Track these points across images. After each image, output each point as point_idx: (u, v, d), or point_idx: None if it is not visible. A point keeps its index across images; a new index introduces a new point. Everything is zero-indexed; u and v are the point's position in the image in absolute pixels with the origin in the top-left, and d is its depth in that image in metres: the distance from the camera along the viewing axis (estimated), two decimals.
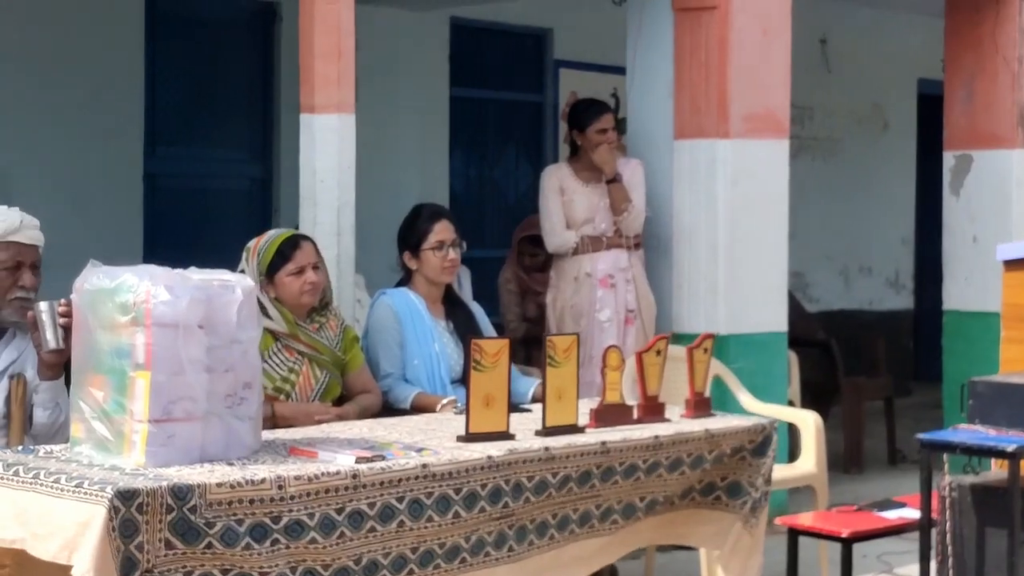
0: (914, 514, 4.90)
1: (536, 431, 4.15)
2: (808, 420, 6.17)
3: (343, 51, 5.79)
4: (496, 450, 3.90)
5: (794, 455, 6.60)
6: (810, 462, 6.06)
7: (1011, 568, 4.48)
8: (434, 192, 9.27)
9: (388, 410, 5.14)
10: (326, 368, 5.04)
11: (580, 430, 4.21)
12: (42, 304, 4.12)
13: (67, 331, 4.01)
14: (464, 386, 4.29)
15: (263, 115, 9.12)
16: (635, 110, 7.36)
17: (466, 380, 4.05)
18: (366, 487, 3.56)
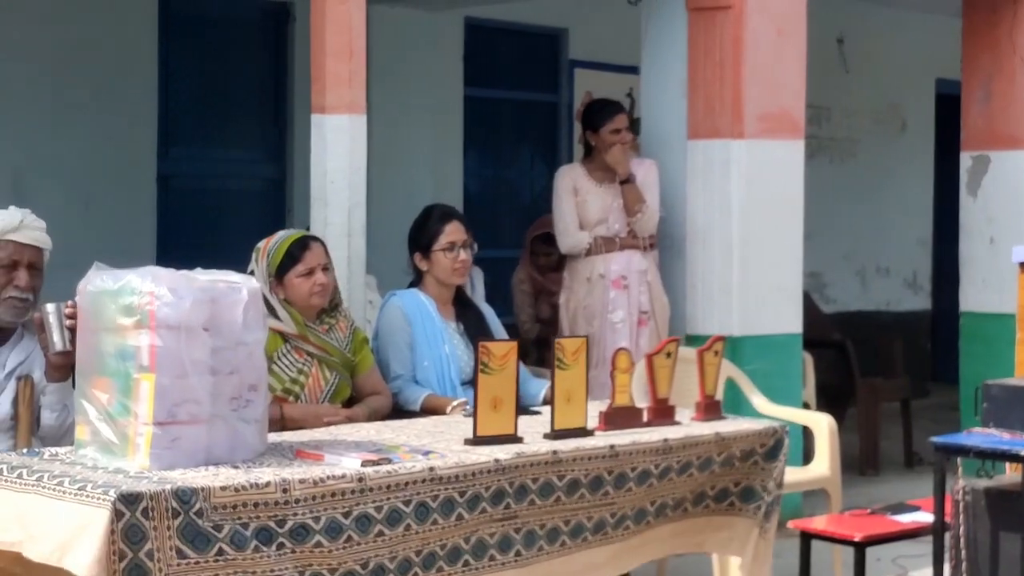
0: (928, 518, 4.88)
1: (544, 434, 4.11)
2: (822, 422, 6.13)
3: (354, 51, 5.76)
4: (504, 453, 3.86)
5: (809, 457, 6.56)
6: (824, 465, 6.02)
7: None
8: (448, 192, 9.26)
9: (398, 412, 5.11)
10: (335, 370, 5.02)
11: (589, 433, 4.17)
12: (49, 306, 4.10)
13: (74, 333, 3.97)
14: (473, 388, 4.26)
15: (276, 115, 9.11)
16: (649, 110, 7.34)
17: (474, 382, 4.02)
18: (372, 490, 3.53)
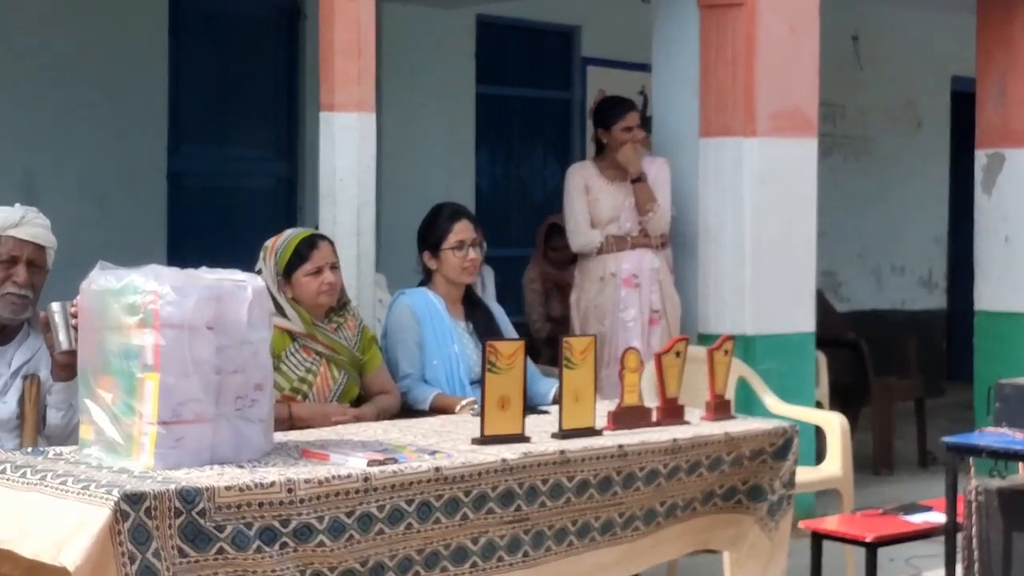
0: (940, 518, 4.85)
1: (552, 434, 4.09)
2: (833, 422, 6.09)
3: (363, 48, 5.72)
4: (511, 453, 3.84)
5: (822, 457, 6.52)
6: (835, 465, 5.98)
7: None
8: (459, 191, 9.23)
9: (407, 411, 5.09)
10: (344, 369, 4.99)
11: (597, 433, 4.15)
12: (54, 305, 4.08)
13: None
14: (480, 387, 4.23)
15: (288, 113, 9.09)
16: (660, 108, 7.30)
17: (481, 382, 3.99)
18: (377, 490, 3.51)
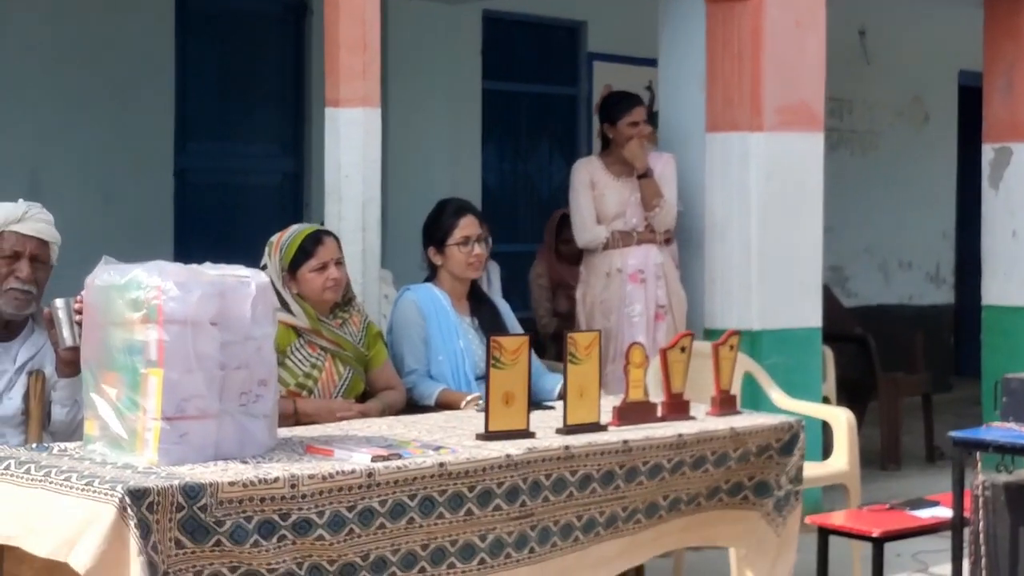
0: (947, 513, 4.84)
1: (557, 429, 4.08)
2: (840, 417, 6.08)
3: (368, 43, 5.71)
4: (515, 448, 3.83)
5: (828, 452, 6.51)
6: (842, 460, 5.98)
7: None
8: (466, 187, 9.22)
9: (412, 407, 5.09)
10: (349, 364, 4.99)
11: (602, 428, 4.14)
12: (58, 301, 4.08)
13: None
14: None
15: (294, 109, 9.08)
16: (667, 103, 7.30)
17: (486, 377, 3.99)
18: (381, 486, 3.50)
